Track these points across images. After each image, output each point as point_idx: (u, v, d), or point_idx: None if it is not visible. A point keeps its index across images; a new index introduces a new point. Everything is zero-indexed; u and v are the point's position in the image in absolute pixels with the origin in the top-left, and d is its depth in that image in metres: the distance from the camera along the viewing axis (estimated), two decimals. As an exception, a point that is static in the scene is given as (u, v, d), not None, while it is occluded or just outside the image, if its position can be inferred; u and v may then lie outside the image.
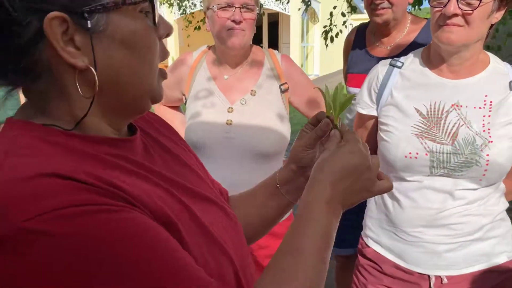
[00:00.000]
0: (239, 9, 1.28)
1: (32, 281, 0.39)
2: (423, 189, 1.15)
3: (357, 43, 1.75)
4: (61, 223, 0.39)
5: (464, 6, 1.03)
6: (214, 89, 1.41)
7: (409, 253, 1.20)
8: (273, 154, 1.37)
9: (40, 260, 0.39)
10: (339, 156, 0.63)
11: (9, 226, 0.38)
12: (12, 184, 0.41)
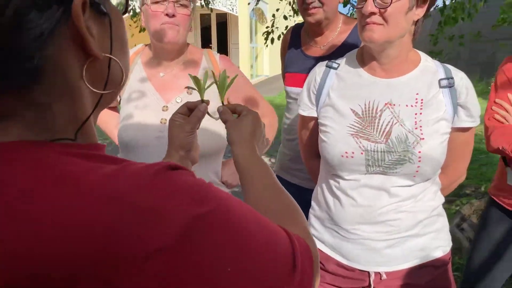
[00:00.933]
0: (172, 3, 1.25)
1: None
2: (361, 187, 1.17)
3: (293, 43, 1.75)
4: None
5: (380, 5, 1.05)
6: (149, 89, 1.36)
7: (350, 251, 1.21)
8: (209, 154, 1.34)
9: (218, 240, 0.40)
10: (244, 122, 0.82)
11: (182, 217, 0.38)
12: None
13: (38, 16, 0.39)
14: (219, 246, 0.40)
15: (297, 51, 1.71)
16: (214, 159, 1.40)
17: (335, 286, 1.27)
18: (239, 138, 0.79)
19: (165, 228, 0.37)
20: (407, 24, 1.08)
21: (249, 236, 0.43)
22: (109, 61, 0.49)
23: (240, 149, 0.77)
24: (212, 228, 0.40)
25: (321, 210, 1.29)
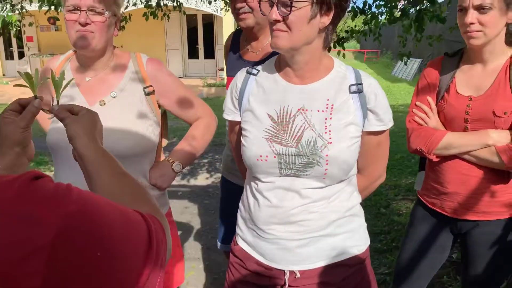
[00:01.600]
0: (85, 12, 1.28)
1: None
2: (276, 189, 1.21)
3: (233, 48, 1.80)
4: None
5: (282, 12, 1.09)
6: (77, 93, 1.39)
7: (267, 250, 1.26)
8: (132, 156, 1.37)
9: None
10: (82, 118, 0.84)
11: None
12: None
13: None
14: (90, 237, 0.45)
15: (236, 55, 1.75)
16: (141, 161, 1.43)
17: (255, 284, 1.31)
18: (81, 132, 0.81)
19: (40, 230, 0.41)
20: (311, 31, 1.11)
21: (112, 224, 0.50)
22: None
23: (83, 141, 0.80)
24: (81, 223, 0.45)
25: (245, 211, 1.33)
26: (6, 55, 15.91)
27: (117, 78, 1.42)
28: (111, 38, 1.40)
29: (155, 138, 1.45)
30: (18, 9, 5.06)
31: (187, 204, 3.98)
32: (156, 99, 1.46)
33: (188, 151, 1.53)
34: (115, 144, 1.33)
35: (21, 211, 0.41)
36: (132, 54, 1.47)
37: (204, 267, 2.88)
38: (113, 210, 0.52)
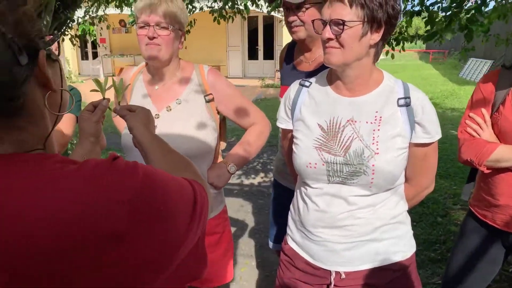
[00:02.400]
0: (152, 27, 1.45)
1: None
2: (324, 194, 1.30)
3: (287, 58, 1.89)
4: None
5: (335, 31, 1.16)
6: (148, 103, 1.57)
7: (315, 251, 1.34)
8: (192, 157, 1.49)
9: None
10: (139, 114, 1.04)
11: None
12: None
13: (20, 70, 0.56)
14: (154, 194, 0.60)
15: (290, 66, 1.84)
16: (200, 162, 1.58)
17: (303, 282, 1.40)
18: (138, 123, 1.00)
19: (122, 190, 0.56)
20: (362, 48, 1.19)
21: (168, 187, 0.64)
22: (61, 92, 0.67)
23: (140, 130, 0.99)
24: (147, 185, 0.59)
25: (295, 214, 1.43)
26: (82, 56, 17.17)
27: (182, 87, 1.58)
28: (177, 51, 1.56)
29: (213, 142, 1.59)
30: (96, 16, 5.51)
31: (243, 203, 4.13)
32: (215, 106, 1.61)
33: (242, 155, 1.66)
34: (177, 145, 1.48)
35: (109, 180, 0.57)
36: (196, 66, 1.63)
37: (256, 264, 3.01)
38: (168, 177, 0.66)
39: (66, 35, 5.32)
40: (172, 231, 0.62)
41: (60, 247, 0.52)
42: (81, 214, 0.53)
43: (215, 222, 1.67)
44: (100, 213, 0.54)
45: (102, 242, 0.53)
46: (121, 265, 0.55)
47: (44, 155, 0.60)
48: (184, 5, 1.54)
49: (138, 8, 1.48)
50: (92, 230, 0.53)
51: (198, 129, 1.54)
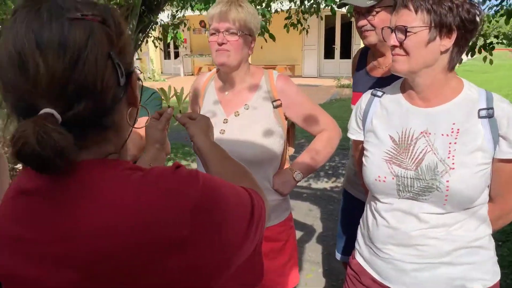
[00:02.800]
0: (222, 33, 1.47)
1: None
2: (394, 210, 1.22)
3: (360, 64, 1.81)
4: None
5: (400, 38, 1.11)
6: (219, 108, 1.60)
7: (382, 268, 1.27)
8: (258, 162, 1.51)
9: None
10: (199, 122, 1.05)
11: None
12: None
13: (118, 90, 0.62)
14: (214, 203, 0.62)
15: (362, 71, 1.77)
16: (266, 168, 1.57)
17: (369, 300, 1.32)
18: (198, 131, 1.02)
19: (183, 199, 0.59)
20: (430, 54, 1.11)
21: (226, 195, 0.66)
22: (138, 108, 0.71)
23: (200, 138, 1.01)
24: (207, 194, 0.62)
25: (364, 228, 1.36)
26: (165, 55, 18.14)
27: (250, 92, 1.58)
28: (246, 56, 1.56)
29: (280, 148, 1.57)
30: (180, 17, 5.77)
31: (311, 207, 4.06)
32: (283, 112, 1.58)
33: (309, 163, 1.62)
34: (243, 150, 1.50)
35: (171, 188, 0.59)
36: (265, 72, 1.62)
37: (323, 272, 2.94)
38: (226, 186, 0.67)
39: (150, 37, 5.62)
40: (230, 238, 0.64)
41: (127, 251, 0.55)
42: (147, 220, 0.56)
43: (279, 229, 1.65)
44: (165, 220, 0.56)
45: (166, 248, 0.56)
46: (183, 270, 0.58)
47: (117, 161, 0.64)
48: (255, 10, 1.53)
49: (210, 15, 1.51)
50: (157, 235, 0.56)
51: (265, 134, 1.53)
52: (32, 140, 0.51)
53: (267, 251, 1.60)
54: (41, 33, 0.55)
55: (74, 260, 0.57)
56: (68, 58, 0.55)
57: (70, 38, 0.56)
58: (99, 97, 0.58)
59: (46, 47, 0.54)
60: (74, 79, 0.56)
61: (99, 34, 0.58)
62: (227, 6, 1.46)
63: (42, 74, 0.54)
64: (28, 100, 0.56)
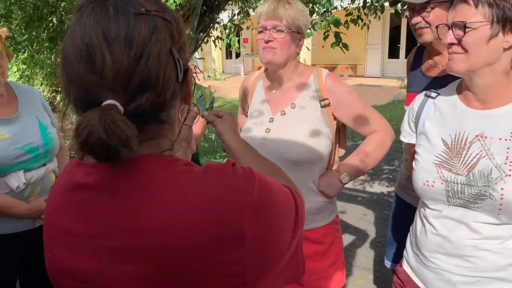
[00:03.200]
0: (269, 30, 1.46)
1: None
2: (443, 218, 1.15)
3: (415, 63, 1.71)
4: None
5: (457, 35, 1.04)
6: (266, 108, 1.59)
7: (429, 278, 1.21)
8: (302, 162, 1.48)
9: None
10: (227, 120, 1.05)
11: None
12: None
13: (177, 86, 0.63)
14: (270, 198, 0.64)
15: (417, 70, 1.68)
16: (311, 168, 1.54)
17: (412, 311, 1.26)
18: (227, 129, 1.02)
19: (245, 195, 0.60)
20: (491, 52, 1.02)
21: (278, 192, 0.67)
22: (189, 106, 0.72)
23: (228, 136, 1.01)
24: (264, 190, 0.63)
25: (412, 235, 1.31)
26: (226, 55, 18.51)
27: (298, 91, 1.55)
28: (294, 54, 1.53)
29: (326, 148, 1.53)
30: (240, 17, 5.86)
31: (366, 212, 3.94)
32: (331, 112, 1.54)
33: (357, 166, 1.56)
34: (288, 150, 1.48)
35: (232, 184, 0.61)
36: (314, 70, 1.58)
37: (373, 278, 2.84)
38: (275, 184, 0.68)
39: (210, 37, 5.75)
40: (282, 234, 0.65)
41: (190, 244, 0.57)
42: (210, 214, 0.58)
43: (324, 231, 1.61)
44: (227, 215, 0.58)
45: (228, 241, 0.58)
46: (241, 264, 0.59)
47: (173, 157, 0.65)
48: (304, 7, 1.51)
49: (258, 13, 1.51)
50: (219, 230, 0.57)
51: (311, 134, 1.50)
52: (99, 129, 0.52)
53: (311, 253, 1.57)
54: (108, 26, 0.56)
55: (135, 254, 0.58)
56: (134, 51, 0.56)
57: (136, 32, 0.57)
58: (160, 91, 0.59)
59: (113, 40, 0.56)
60: (138, 72, 0.57)
61: (163, 29, 0.60)
62: (274, 4, 1.45)
63: (108, 66, 0.55)
64: (93, 91, 0.57)
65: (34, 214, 1.64)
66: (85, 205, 0.62)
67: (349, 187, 4.60)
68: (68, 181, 0.66)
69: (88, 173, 0.62)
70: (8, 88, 1.67)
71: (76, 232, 0.62)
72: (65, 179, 0.67)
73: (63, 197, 0.65)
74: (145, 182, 0.59)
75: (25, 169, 1.60)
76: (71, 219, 0.63)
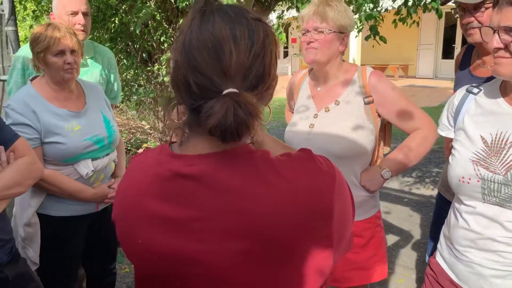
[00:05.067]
0: (310, 32, 1.55)
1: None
2: (477, 214, 1.17)
3: (463, 62, 1.71)
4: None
5: (504, 40, 1.03)
6: (310, 102, 1.67)
7: (461, 271, 1.24)
8: (344, 157, 1.54)
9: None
10: None
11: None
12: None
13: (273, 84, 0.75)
14: (344, 181, 0.76)
15: (465, 70, 1.68)
16: (353, 163, 1.60)
17: (448, 303, 1.29)
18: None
19: (329, 178, 0.71)
20: None
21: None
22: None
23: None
24: (338, 170, 0.75)
25: (446, 228, 1.34)
26: (274, 55, 18.58)
27: (342, 88, 1.63)
28: (336, 53, 1.59)
29: (369, 144, 1.58)
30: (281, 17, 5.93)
31: (411, 213, 3.90)
32: (375, 108, 1.59)
33: (400, 161, 1.60)
34: (331, 145, 1.56)
35: (322, 168, 0.71)
36: (359, 68, 1.64)
37: (416, 278, 2.83)
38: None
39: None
40: (351, 209, 0.77)
41: (298, 221, 0.66)
42: (310, 195, 0.68)
43: (364, 226, 1.66)
44: (319, 194, 0.68)
45: (322, 217, 0.68)
46: (329, 238, 0.69)
47: (249, 147, 0.72)
48: (346, 8, 1.57)
49: (301, 17, 1.60)
50: (317, 208, 0.67)
51: (353, 130, 1.56)
52: (236, 109, 0.61)
53: (351, 246, 1.64)
54: (234, 26, 0.67)
55: (246, 233, 0.66)
56: (254, 49, 0.67)
57: (256, 34, 0.68)
58: (269, 85, 0.72)
59: (240, 38, 0.66)
60: (256, 67, 0.68)
61: (271, 35, 0.72)
62: (315, 7, 1.54)
63: (233, 59, 0.65)
64: (215, 79, 0.65)
65: (99, 199, 1.83)
66: (188, 191, 0.69)
67: (396, 188, 4.55)
68: (163, 172, 0.72)
69: (190, 164, 0.70)
70: (77, 84, 1.85)
71: (178, 217, 0.68)
72: (156, 171, 0.73)
73: (160, 187, 0.71)
74: (247, 171, 0.68)
75: (92, 158, 1.79)
76: (172, 205, 0.69)
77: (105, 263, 2.07)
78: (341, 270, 1.65)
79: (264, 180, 0.67)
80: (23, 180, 1.34)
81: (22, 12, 5.66)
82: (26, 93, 1.71)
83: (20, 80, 2.10)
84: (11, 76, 2.12)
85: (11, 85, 2.11)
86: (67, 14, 2.06)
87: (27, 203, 1.72)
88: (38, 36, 1.65)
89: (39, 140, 1.65)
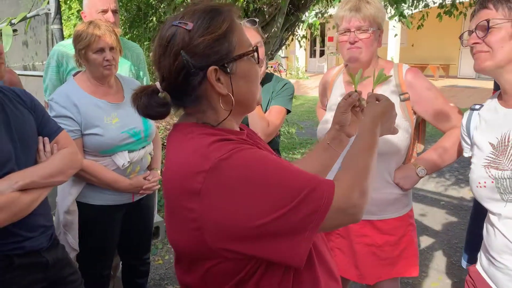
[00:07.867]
0: (353, 32, 1.50)
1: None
2: (504, 218, 1.17)
3: None
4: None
5: (480, 35, 1.14)
6: None
7: (499, 280, 1.20)
8: (384, 154, 1.52)
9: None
10: (375, 106, 1.08)
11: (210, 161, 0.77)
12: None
13: (194, 79, 0.82)
14: (246, 172, 0.77)
15: None
16: (387, 160, 1.58)
17: (486, 310, 1.26)
18: (370, 112, 1.05)
19: (212, 162, 0.77)
20: None
21: (266, 174, 0.77)
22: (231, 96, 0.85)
23: (366, 119, 1.03)
24: (238, 163, 0.77)
25: (484, 236, 1.31)
26: (310, 53, 18.51)
27: (378, 85, 1.59)
28: (376, 50, 1.58)
29: (404, 142, 1.56)
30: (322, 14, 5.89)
31: (447, 216, 3.78)
32: (410, 106, 1.56)
33: (434, 160, 1.57)
34: None
35: (204, 152, 0.80)
36: (394, 65, 1.62)
37: (451, 283, 2.74)
38: (273, 166, 0.79)
39: (295, 36, 5.84)
40: (251, 206, 0.76)
41: (174, 187, 0.84)
42: (180, 169, 0.81)
43: (396, 224, 1.64)
44: (189, 173, 0.79)
45: (188, 192, 0.79)
46: (196, 218, 0.79)
47: (202, 125, 0.86)
48: (380, 4, 1.55)
49: (339, 16, 1.56)
50: (183, 183, 0.80)
51: None
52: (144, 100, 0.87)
53: (382, 243, 1.62)
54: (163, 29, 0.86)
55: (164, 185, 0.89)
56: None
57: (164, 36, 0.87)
58: (171, 81, 0.86)
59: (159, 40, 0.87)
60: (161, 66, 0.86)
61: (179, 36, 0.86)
62: (356, 5, 1.51)
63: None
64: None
65: (134, 189, 1.89)
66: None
67: (433, 191, 4.43)
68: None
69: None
70: (116, 79, 1.93)
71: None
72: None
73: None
74: (169, 141, 0.88)
75: (129, 150, 1.86)
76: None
77: (139, 253, 2.14)
78: (370, 266, 1.64)
79: (169, 150, 0.86)
80: (66, 169, 1.42)
81: (67, 12, 5.92)
82: (68, 87, 1.81)
83: (55, 77, 2.20)
84: (46, 73, 2.22)
85: (47, 82, 2.22)
86: (97, 12, 2.13)
87: (68, 191, 1.81)
88: (80, 33, 1.74)
89: (79, 132, 1.74)
